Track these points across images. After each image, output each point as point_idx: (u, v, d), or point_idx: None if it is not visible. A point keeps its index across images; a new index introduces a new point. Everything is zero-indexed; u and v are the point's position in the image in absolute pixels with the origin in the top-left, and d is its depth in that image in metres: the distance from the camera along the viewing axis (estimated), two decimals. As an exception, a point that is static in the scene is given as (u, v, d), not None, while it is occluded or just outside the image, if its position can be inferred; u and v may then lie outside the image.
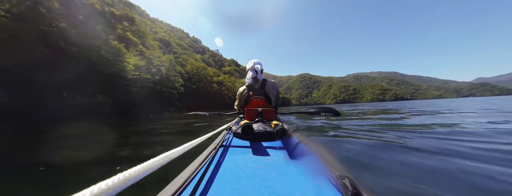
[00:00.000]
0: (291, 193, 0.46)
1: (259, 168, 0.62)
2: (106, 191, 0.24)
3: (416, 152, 1.89)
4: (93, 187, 0.24)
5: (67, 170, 1.88)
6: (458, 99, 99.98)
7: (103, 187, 0.25)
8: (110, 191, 0.25)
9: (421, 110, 9.07)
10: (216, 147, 0.80)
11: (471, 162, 1.55)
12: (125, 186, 0.28)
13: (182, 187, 0.44)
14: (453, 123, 3.78)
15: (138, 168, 0.32)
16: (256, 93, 1.62)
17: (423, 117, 5.48)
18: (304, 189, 0.48)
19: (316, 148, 0.64)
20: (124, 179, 0.28)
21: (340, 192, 0.44)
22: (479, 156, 1.75)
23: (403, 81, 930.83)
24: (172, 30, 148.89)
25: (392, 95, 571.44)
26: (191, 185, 0.48)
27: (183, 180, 0.46)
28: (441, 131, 2.98)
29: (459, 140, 2.31)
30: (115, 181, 0.27)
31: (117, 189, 0.26)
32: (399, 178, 1.33)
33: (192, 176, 0.50)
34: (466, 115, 5.62)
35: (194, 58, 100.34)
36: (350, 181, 0.40)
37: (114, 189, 0.26)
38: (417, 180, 1.28)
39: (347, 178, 0.41)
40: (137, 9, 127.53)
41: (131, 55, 22.04)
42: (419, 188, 1.15)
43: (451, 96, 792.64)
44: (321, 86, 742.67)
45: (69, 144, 3.33)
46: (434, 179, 1.30)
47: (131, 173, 0.30)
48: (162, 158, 0.39)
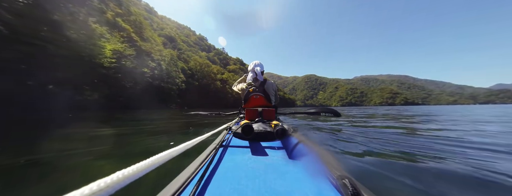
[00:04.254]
0: (291, 193, 0.46)
1: (259, 168, 0.62)
2: (105, 189, 0.24)
3: (422, 156, 1.77)
4: (91, 184, 0.24)
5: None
6: (476, 105, 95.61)
7: (101, 185, 0.24)
8: (108, 189, 0.25)
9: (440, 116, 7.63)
10: (216, 147, 0.80)
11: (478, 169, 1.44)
12: (124, 184, 0.28)
13: (182, 187, 0.44)
14: (469, 130, 3.43)
15: (136, 167, 0.31)
16: (256, 90, 1.68)
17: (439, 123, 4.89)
18: (304, 189, 0.48)
19: (316, 148, 0.65)
20: (123, 177, 0.28)
21: (340, 192, 0.44)
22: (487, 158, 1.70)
23: (414, 85, 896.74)
24: (179, 28, 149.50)
25: (402, 99, 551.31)
26: (191, 185, 0.49)
27: (183, 180, 0.47)
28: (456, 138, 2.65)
29: (472, 147, 2.13)
30: (114, 179, 0.26)
31: (115, 187, 0.26)
32: (399, 178, 1.29)
33: (192, 176, 0.51)
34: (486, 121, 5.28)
35: (199, 56, 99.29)
36: (350, 181, 0.40)
37: (113, 187, 0.25)
38: (417, 180, 1.26)
39: (347, 178, 0.41)
40: (146, 6, 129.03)
41: (115, 41, 19.64)
42: (419, 189, 1.14)
43: (467, 102, 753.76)
44: (327, 87, 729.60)
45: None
46: (436, 181, 1.27)
47: (130, 171, 0.30)
48: (161, 156, 0.39)
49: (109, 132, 3.39)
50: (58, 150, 2.02)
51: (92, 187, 0.23)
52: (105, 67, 16.72)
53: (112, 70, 17.81)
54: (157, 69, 34.94)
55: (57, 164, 1.62)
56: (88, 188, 0.23)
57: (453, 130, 3.40)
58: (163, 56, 39.87)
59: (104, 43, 16.56)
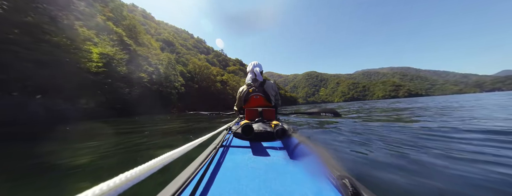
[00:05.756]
0: (291, 193, 0.46)
1: (259, 168, 0.63)
2: (107, 192, 0.24)
3: (424, 153, 1.76)
4: (94, 188, 0.24)
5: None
6: (482, 94, 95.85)
7: (104, 188, 0.24)
8: (111, 192, 0.25)
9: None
10: (216, 147, 0.80)
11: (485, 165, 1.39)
12: (127, 187, 0.28)
13: (182, 187, 0.44)
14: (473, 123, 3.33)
15: (139, 169, 0.32)
16: (255, 90, 1.67)
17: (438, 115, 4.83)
18: (304, 189, 0.48)
19: (316, 148, 0.65)
20: (126, 180, 0.28)
21: (340, 192, 0.44)
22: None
23: (417, 76, 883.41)
24: (177, 32, 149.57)
25: (405, 91, 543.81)
26: (191, 185, 0.49)
27: (183, 180, 0.47)
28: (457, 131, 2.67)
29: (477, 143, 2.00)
30: (117, 182, 0.26)
31: (118, 190, 0.26)
32: (399, 178, 1.26)
33: (192, 176, 0.51)
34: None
35: (198, 58, 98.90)
36: (350, 181, 0.40)
37: (116, 190, 0.26)
38: (418, 180, 1.23)
39: (347, 178, 0.41)
40: (142, 13, 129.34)
41: (105, 45, 18.83)
42: (420, 189, 1.12)
43: (472, 91, 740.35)
44: (328, 83, 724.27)
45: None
46: (437, 181, 1.22)
47: (133, 174, 0.30)
48: (163, 158, 0.39)
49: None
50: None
51: (94, 191, 0.23)
52: (92, 72, 15.93)
53: (101, 75, 17.06)
54: (155, 74, 34.41)
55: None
56: (91, 192, 0.23)
57: (453, 126, 3.20)
58: (160, 60, 39.36)
59: (90, 47, 15.74)
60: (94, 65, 15.88)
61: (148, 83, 31.32)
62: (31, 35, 11.30)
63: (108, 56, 18.13)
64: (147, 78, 31.07)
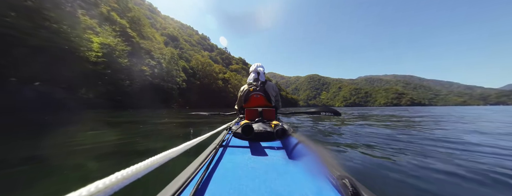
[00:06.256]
0: (290, 193, 0.46)
1: (258, 168, 0.63)
2: (103, 190, 0.24)
3: (421, 155, 1.78)
4: (90, 185, 0.23)
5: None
6: (486, 107, 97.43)
7: (100, 186, 0.24)
8: (107, 190, 0.24)
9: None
10: (216, 147, 0.80)
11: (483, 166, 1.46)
12: (123, 185, 0.27)
13: (182, 187, 0.45)
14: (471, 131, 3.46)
15: (136, 167, 0.31)
16: (256, 90, 1.68)
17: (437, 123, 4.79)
18: (303, 189, 0.48)
19: (315, 148, 0.65)
20: (122, 178, 0.27)
21: (339, 192, 0.45)
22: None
23: (420, 85, 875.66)
24: (182, 27, 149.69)
25: (408, 99, 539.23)
26: (191, 185, 0.49)
27: (183, 180, 0.48)
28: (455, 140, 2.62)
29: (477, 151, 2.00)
30: (113, 180, 0.26)
31: (114, 188, 0.26)
32: (399, 178, 1.27)
33: (192, 176, 0.52)
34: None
35: (202, 55, 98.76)
36: (350, 181, 0.40)
37: (112, 188, 0.25)
38: (418, 180, 1.23)
39: (347, 178, 0.41)
40: (149, 6, 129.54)
41: (107, 35, 18.57)
42: (420, 189, 1.12)
43: (476, 103, 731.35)
44: (330, 87, 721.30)
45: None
46: (437, 181, 1.23)
47: (129, 172, 0.29)
48: (161, 157, 0.39)
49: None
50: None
51: (90, 189, 0.23)
52: (92, 62, 15.67)
53: (100, 65, 16.80)
54: (157, 68, 34.19)
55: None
56: (86, 190, 0.22)
57: (454, 130, 3.33)
58: (163, 54, 39.13)
59: (91, 36, 15.46)
60: (94, 55, 15.75)
61: (150, 76, 31.12)
62: (32, 21, 11.08)
63: (109, 46, 17.90)
64: (149, 71, 30.88)
